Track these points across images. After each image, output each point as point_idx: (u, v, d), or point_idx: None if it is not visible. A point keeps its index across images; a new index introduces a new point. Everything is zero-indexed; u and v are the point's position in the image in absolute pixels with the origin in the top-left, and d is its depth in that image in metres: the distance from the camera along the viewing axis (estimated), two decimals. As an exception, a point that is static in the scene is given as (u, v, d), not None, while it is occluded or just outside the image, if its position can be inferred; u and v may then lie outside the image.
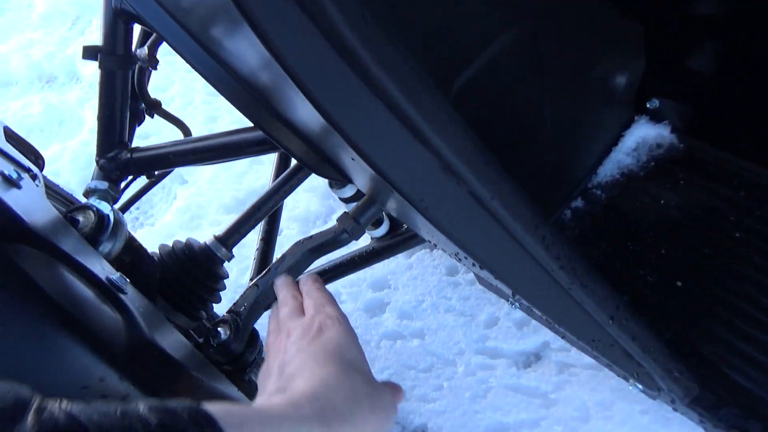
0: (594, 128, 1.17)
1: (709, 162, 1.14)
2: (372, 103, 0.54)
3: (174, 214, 1.96)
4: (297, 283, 0.77)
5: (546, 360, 1.28)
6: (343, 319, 0.63)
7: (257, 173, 1.96)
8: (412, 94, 0.54)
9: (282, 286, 0.76)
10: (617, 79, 1.13)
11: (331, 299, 0.68)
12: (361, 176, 0.85)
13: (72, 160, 2.36)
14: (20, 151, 1.22)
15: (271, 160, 1.81)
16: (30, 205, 0.74)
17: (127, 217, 2.13)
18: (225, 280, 1.19)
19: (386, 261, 1.60)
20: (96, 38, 2.97)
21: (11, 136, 1.21)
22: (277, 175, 1.43)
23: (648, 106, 1.19)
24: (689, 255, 1.06)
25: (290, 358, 0.57)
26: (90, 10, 3.33)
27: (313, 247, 1.02)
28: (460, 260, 0.93)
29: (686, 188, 1.13)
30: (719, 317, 0.96)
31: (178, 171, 2.10)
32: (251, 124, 1.09)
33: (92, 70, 2.86)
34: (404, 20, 0.79)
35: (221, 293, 1.20)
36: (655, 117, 1.20)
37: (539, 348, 1.31)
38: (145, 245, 1.22)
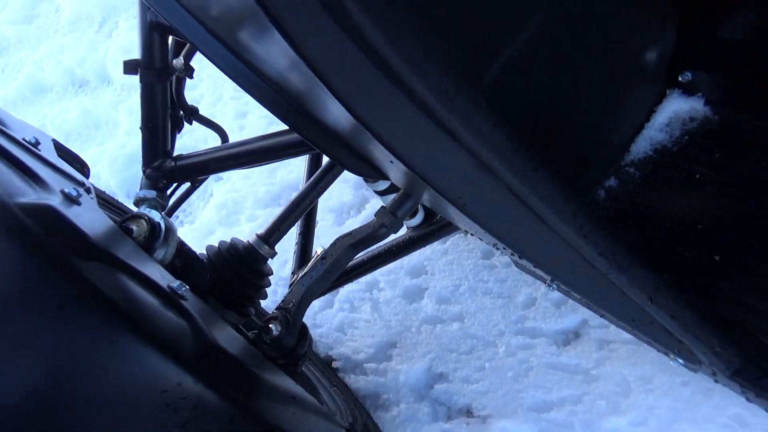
0: (625, 105, 1.17)
1: (747, 132, 1.13)
2: (408, 110, 0.56)
3: (212, 211, 2.02)
4: None
5: (585, 337, 1.30)
6: None
7: (288, 167, 2.01)
8: (446, 97, 0.56)
9: None
10: (648, 53, 1.13)
11: None
12: (398, 174, 0.87)
13: (111, 163, 2.44)
14: (68, 162, 1.29)
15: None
16: (91, 220, 0.79)
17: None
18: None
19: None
20: (123, 41, 3.00)
21: (59, 148, 1.27)
22: (309, 173, 1.47)
23: (680, 79, 1.18)
24: (727, 229, 1.06)
25: None
26: (115, 12, 3.40)
27: (354, 242, 1.06)
28: (497, 249, 0.95)
29: (722, 161, 1.12)
30: (759, 290, 0.97)
31: (213, 168, 2.16)
32: (284, 127, 1.13)
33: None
34: (431, 17, 0.81)
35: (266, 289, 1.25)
36: (688, 90, 1.19)
37: (578, 326, 1.33)
38: (188, 244, 1.27)
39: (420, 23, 0.67)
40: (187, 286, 0.78)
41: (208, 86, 2.50)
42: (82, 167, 1.45)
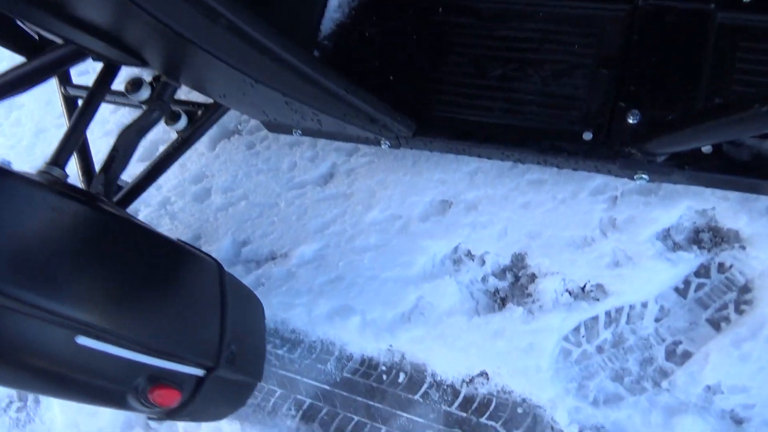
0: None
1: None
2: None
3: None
4: None
5: (336, 174, 1.78)
6: None
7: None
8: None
9: None
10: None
11: None
12: (160, 59, 1.18)
13: None
14: None
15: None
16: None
17: None
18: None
19: (197, 158, 1.92)
20: None
21: None
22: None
23: (337, -27, 1.67)
24: (389, 61, 1.60)
25: None
26: None
27: (138, 129, 1.33)
28: (265, 113, 1.32)
29: (379, 22, 1.66)
30: (423, 86, 1.52)
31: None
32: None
33: None
34: None
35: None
36: (345, -20, 1.69)
37: (330, 168, 1.79)
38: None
39: None
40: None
41: None
42: None
